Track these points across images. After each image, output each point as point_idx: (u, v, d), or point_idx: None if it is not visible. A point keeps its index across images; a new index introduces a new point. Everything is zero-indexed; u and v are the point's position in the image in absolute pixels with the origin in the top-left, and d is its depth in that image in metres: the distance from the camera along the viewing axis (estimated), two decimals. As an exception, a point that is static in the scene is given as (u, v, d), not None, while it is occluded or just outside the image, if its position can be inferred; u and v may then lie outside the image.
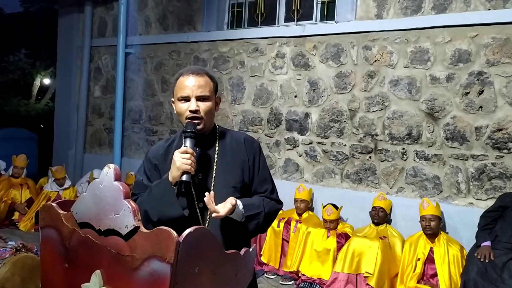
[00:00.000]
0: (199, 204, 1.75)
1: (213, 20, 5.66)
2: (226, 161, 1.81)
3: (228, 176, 1.79)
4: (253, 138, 1.94)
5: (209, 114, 1.77)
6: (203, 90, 1.74)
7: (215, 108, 1.82)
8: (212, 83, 1.79)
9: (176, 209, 1.64)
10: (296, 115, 5.01)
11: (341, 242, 4.14)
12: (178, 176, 1.63)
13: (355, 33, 4.65)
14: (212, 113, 1.80)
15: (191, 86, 1.74)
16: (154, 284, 1.15)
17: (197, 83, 1.74)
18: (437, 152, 4.26)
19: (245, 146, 1.85)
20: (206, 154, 1.81)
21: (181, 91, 1.75)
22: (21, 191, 5.72)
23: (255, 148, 1.88)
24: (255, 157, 1.86)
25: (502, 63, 3.97)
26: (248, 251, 1.40)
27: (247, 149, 1.85)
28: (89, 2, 6.69)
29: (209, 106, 1.76)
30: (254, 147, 1.88)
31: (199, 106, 1.74)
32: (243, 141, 1.87)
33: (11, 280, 2.33)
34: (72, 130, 6.91)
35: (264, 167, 1.89)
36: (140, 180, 1.84)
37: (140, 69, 6.26)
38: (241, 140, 1.87)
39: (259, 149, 1.89)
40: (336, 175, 4.79)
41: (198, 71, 1.78)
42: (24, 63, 12.84)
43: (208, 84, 1.77)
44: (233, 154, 1.83)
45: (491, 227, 3.70)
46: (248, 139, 1.90)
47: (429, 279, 3.84)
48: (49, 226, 1.39)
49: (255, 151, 1.87)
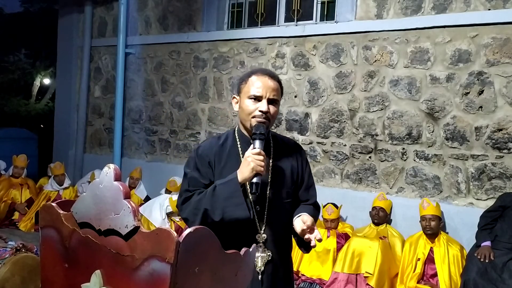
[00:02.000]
0: (256, 207, 1.76)
1: (213, 20, 5.66)
2: (280, 165, 1.83)
3: (282, 179, 1.82)
4: (301, 147, 1.99)
5: (274, 119, 1.78)
6: (276, 94, 1.76)
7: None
8: (280, 89, 1.82)
9: (243, 210, 1.62)
10: (296, 115, 5.01)
11: (341, 242, 4.14)
12: (251, 177, 1.61)
13: (355, 33, 4.65)
14: (276, 116, 1.80)
15: (266, 87, 1.74)
16: (154, 284, 1.15)
17: (272, 86, 1.76)
18: (437, 152, 4.26)
19: (295, 152, 1.90)
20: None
21: (255, 90, 1.73)
22: (21, 191, 5.72)
23: (303, 154, 1.93)
24: (303, 163, 1.90)
25: (502, 63, 3.97)
26: (248, 251, 1.40)
27: (297, 155, 1.90)
28: (89, 2, 6.69)
29: (277, 111, 1.78)
30: (303, 153, 1.93)
31: (269, 108, 1.73)
32: (293, 147, 1.92)
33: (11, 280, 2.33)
34: (72, 130, 6.91)
35: (310, 174, 1.93)
36: (194, 177, 1.77)
37: (140, 69, 6.26)
38: (291, 145, 1.92)
39: (306, 156, 1.96)
40: (336, 175, 4.79)
41: (273, 74, 1.82)
42: (24, 63, 12.84)
43: (279, 89, 1.80)
44: (286, 158, 1.86)
45: (491, 227, 3.70)
46: (298, 145, 1.97)
47: (429, 279, 3.84)
48: (49, 226, 1.39)
49: (303, 157, 1.92)
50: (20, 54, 13.15)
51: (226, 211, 1.63)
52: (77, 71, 6.92)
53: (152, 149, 6.20)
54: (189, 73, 5.82)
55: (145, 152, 6.26)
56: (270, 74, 1.79)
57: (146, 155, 6.25)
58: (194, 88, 5.77)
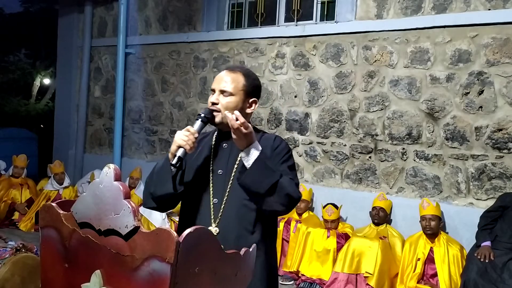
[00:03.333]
0: (214, 200, 1.74)
1: (213, 20, 5.66)
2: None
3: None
4: (284, 140, 1.84)
5: (229, 109, 1.72)
6: (227, 85, 1.75)
7: (241, 107, 1.75)
8: (244, 82, 1.76)
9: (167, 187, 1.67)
10: (296, 115, 5.02)
11: (341, 242, 4.14)
12: (174, 150, 1.64)
13: (355, 33, 4.66)
14: (234, 109, 1.72)
15: (219, 80, 1.77)
16: (154, 284, 1.15)
17: (224, 78, 1.77)
18: (437, 152, 4.26)
19: (272, 145, 1.77)
20: (232, 151, 1.78)
21: (212, 84, 1.80)
22: (21, 191, 5.72)
23: (282, 147, 1.77)
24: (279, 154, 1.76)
25: (502, 63, 3.97)
26: (248, 251, 1.40)
27: (273, 148, 1.76)
28: (89, 2, 6.69)
29: (229, 102, 1.74)
30: (282, 146, 1.78)
31: (219, 99, 1.75)
32: (272, 141, 1.79)
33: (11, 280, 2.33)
34: (72, 130, 6.92)
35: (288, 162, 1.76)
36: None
37: (140, 69, 6.26)
38: (270, 140, 1.80)
39: (287, 149, 1.79)
40: (336, 175, 4.79)
41: (232, 68, 1.82)
42: (24, 63, 12.85)
43: (236, 80, 1.76)
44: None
45: (491, 227, 3.70)
46: (278, 139, 1.81)
47: (429, 279, 3.84)
48: (49, 226, 1.39)
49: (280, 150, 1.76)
50: (20, 54, 13.16)
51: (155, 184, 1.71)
52: (77, 71, 6.92)
53: (152, 149, 6.20)
54: (189, 73, 5.83)
55: (145, 152, 6.26)
56: (231, 68, 1.81)
57: (146, 155, 6.25)
58: (194, 88, 5.78)
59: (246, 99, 1.78)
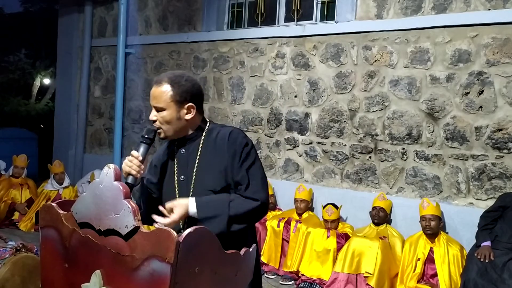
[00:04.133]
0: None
1: (213, 20, 5.66)
2: (206, 162, 1.77)
3: (206, 178, 1.75)
4: (241, 133, 1.80)
5: (167, 124, 1.76)
6: (157, 101, 1.76)
7: (179, 117, 1.76)
8: (171, 91, 1.74)
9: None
10: (296, 115, 5.01)
11: (341, 242, 4.13)
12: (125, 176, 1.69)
13: (355, 33, 4.65)
14: (172, 122, 1.76)
15: (151, 96, 1.78)
16: (154, 284, 1.15)
17: (154, 94, 1.77)
18: (437, 152, 4.26)
19: (227, 144, 1.74)
20: (190, 156, 1.80)
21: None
22: (21, 191, 5.72)
23: (238, 144, 1.74)
24: (236, 154, 1.72)
25: (502, 63, 3.97)
26: (248, 251, 1.40)
27: (228, 147, 1.74)
28: (89, 2, 6.69)
29: (164, 117, 1.76)
30: (238, 143, 1.74)
31: (157, 116, 1.77)
32: (227, 138, 1.75)
33: (11, 280, 2.33)
34: (72, 130, 6.91)
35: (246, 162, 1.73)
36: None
37: (140, 69, 6.26)
38: (225, 137, 1.76)
39: (243, 145, 1.74)
40: (336, 175, 4.79)
41: (159, 80, 1.78)
42: (24, 63, 12.84)
43: (163, 94, 1.74)
44: (214, 154, 1.76)
45: (491, 227, 3.70)
46: (234, 135, 1.76)
47: (429, 279, 3.84)
48: (49, 226, 1.39)
49: (237, 148, 1.73)
50: (20, 54, 13.16)
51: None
52: (77, 71, 6.92)
53: (152, 149, 6.19)
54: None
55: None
56: (157, 81, 1.78)
57: (146, 155, 6.24)
58: (194, 88, 5.76)
59: (179, 108, 1.76)
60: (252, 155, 1.77)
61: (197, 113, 1.81)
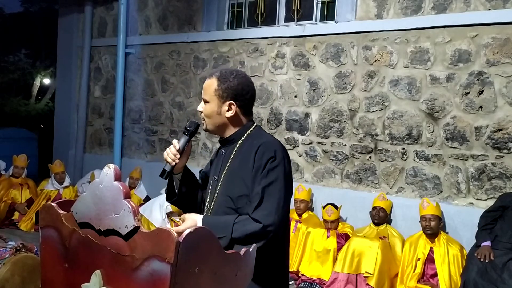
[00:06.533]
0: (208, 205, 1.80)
1: (213, 20, 5.66)
2: (234, 167, 1.75)
3: (230, 184, 1.74)
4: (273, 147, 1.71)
5: (208, 117, 1.80)
6: (204, 93, 1.81)
7: (219, 112, 1.77)
8: (218, 86, 1.77)
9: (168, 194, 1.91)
10: (296, 115, 5.01)
11: (341, 242, 4.14)
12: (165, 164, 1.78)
13: (355, 33, 4.65)
14: (212, 116, 1.78)
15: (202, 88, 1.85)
16: (154, 284, 1.15)
17: (204, 86, 1.83)
18: (437, 152, 4.26)
19: (255, 155, 1.69)
20: (226, 158, 1.81)
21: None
22: (21, 191, 5.72)
23: (264, 158, 1.67)
24: (260, 168, 1.66)
25: (502, 63, 3.97)
26: (248, 251, 1.40)
27: (256, 158, 1.68)
28: (89, 2, 6.69)
29: (207, 109, 1.79)
30: (265, 156, 1.67)
31: (203, 107, 1.81)
32: (257, 148, 1.70)
33: (11, 280, 2.33)
34: (72, 130, 6.92)
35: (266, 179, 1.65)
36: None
37: (140, 69, 6.26)
38: (256, 147, 1.71)
39: (269, 159, 1.66)
40: (336, 175, 4.79)
41: (211, 73, 1.84)
42: (24, 63, 12.86)
43: (209, 87, 1.79)
44: (242, 161, 1.74)
45: (491, 227, 3.70)
46: (264, 147, 1.70)
47: (429, 279, 3.84)
48: (49, 226, 1.39)
49: (262, 161, 1.66)
50: (20, 54, 13.17)
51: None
52: (77, 71, 6.92)
53: (152, 149, 6.20)
54: (189, 73, 5.83)
55: (145, 152, 6.26)
56: (210, 74, 1.85)
57: (146, 155, 6.25)
58: (194, 88, 5.77)
59: (221, 103, 1.78)
60: (276, 172, 1.66)
61: (240, 113, 1.82)
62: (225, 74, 1.79)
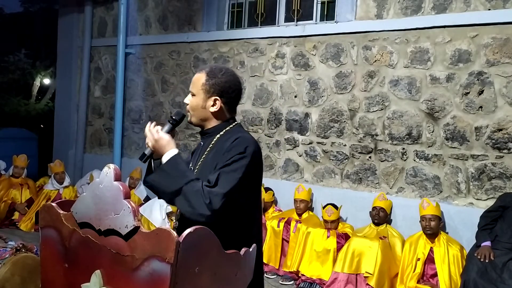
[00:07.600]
0: None
1: (213, 20, 5.66)
2: (208, 159, 1.82)
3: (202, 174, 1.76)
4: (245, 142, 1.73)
5: (193, 110, 1.86)
6: (192, 86, 1.86)
7: (204, 106, 1.82)
8: (206, 81, 1.81)
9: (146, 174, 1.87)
10: (296, 115, 5.01)
11: (341, 242, 4.14)
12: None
13: (355, 33, 4.65)
14: (197, 109, 1.84)
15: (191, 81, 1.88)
16: (154, 284, 1.15)
17: (192, 79, 1.87)
18: (437, 152, 4.26)
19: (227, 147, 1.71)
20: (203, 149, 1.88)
21: None
22: (21, 191, 5.72)
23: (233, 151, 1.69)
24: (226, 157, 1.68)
25: (502, 63, 3.97)
26: (248, 251, 1.40)
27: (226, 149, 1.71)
28: (89, 2, 6.69)
29: (192, 102, 1.85)
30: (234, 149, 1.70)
31: (189, 100, 1.87)
32: (230, 142, 1.73)
33: (11, 280, 2.33)
34: (72, 130, 6.91)
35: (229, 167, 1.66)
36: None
37: (140, 69, 6.25)
38: (231, 140, 1.74)
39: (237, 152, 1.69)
40: (336, 175, 4.79)
41: (201, 68, 1.88)
42: (24, 63, 12.83)
43: (197, 81, 1.83)
44: (215, 153, 1.77)
45: (491, 227, 3.70)
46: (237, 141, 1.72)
47: (429, 279, 3.84)
48: (49, 226, 1.39)
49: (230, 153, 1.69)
50: (20, 54, 13.14)
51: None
52: (77, 71, 6.92)
53: (152, 149, 6.19)
54: (189, 73, 5.82)
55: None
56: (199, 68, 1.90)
57: (146, 155, 6.24)
58: (194, 88, 5.77)
59: (206, 98, 1.82)
60: (239, 163, 1.67)
61: (224, 109, 1.84)
62: (214, 70, 1.84)
